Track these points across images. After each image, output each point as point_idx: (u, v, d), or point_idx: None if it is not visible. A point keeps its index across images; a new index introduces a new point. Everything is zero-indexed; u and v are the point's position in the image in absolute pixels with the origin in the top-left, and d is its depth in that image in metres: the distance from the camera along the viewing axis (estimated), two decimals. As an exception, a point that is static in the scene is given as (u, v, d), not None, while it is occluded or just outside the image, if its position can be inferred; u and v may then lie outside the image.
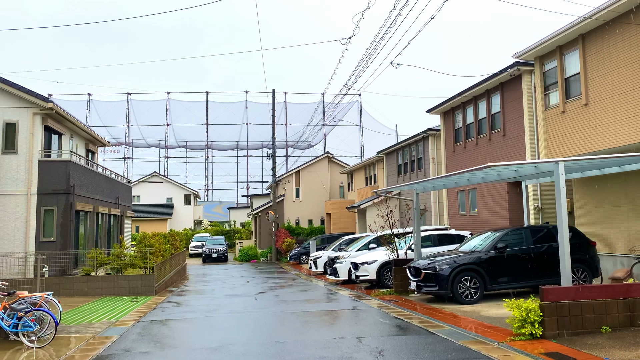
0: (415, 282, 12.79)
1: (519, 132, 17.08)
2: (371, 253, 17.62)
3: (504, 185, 17.88)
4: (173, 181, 53.34)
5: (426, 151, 23.95)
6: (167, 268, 21.29)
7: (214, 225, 52.62)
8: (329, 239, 31.23)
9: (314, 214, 38.52)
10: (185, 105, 69.60)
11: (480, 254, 12.41)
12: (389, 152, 28.43)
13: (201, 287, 19.96)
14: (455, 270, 12.11)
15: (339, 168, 39.21)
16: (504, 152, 17.68)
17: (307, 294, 16.41)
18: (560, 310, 8.02)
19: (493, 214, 18.59)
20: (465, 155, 20.40)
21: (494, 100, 18.58)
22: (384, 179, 29.66)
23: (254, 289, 18.46)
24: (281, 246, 33.98)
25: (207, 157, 68.71)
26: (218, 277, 24.55)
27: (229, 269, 29.96)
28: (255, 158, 70.74)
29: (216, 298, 15.94)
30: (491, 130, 18.75)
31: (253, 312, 12.39)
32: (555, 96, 14.96)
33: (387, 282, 16.51)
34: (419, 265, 12.77)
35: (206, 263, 35.72)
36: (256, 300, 14.93)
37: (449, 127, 21.76)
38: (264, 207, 38.12)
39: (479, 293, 12.12)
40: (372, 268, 16.63)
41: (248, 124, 68.70)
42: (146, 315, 12.45)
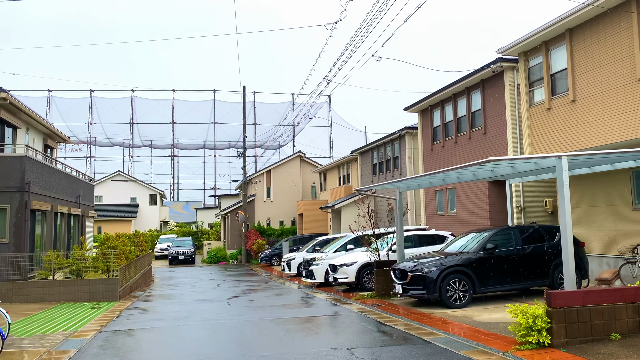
0: (401, 285, 12.05)
1: (501, 130, 16.61)
2: (350, 254, 16.83)
3: (484, 185, 17.39)
4: (138, 180, 51.40)
5: (402, 150, 23.35)
6: (132, 271, 19.98)
7: (181, 226, 50.96)
8: (301, 239, 30.34)
9: (286, 215, 37.55)
10: (150, 103, 67.52)
11: (469, 255, 11.76)
12: (364, 151, 27.76)
13: (169, 291, 18.75)
14: (443, 272, 11.42)
15: (311, 168, 38.37)
16: (485, 150, 17.19)
17: (283, 298, 15.48)
18: (568, 316, 7.37)
19: (472, 214, 18.09)
20: (444, 154, 19.87)
21: (475, 98, 18.09)
22: (358, 179, 28.97)
23: (225, 293, 17.40)
24: (251, 247, 32.88)
25: (174, 156, 66.87)
26: (186, 280, 23.33)
27: (197, 272, 28.70)
28: (223, 158, 69.32)
29: (186, 303, 14.84)
30: (471, 129, 18.26)
31: (228, 319, 11.38)
32: (540, 93, 14.51)
33: (367, 284, 15.76)
34: (405, 268, 12.03)
35: (173, 265, 34.26)
36: (229, 305, 13.90)
37: (427, 125, 21.21)
38: (234, 207, 36.91)
39: (467, 296, 11.47)
40: (351, 270, 15.84)
41: (216, 123, 67.14)
42: (109, 324, 11.28)
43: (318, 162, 39.52)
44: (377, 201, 24.94)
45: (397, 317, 10.76)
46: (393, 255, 14.97)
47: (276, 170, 37.92)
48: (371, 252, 14.61)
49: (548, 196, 16.16)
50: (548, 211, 16.07)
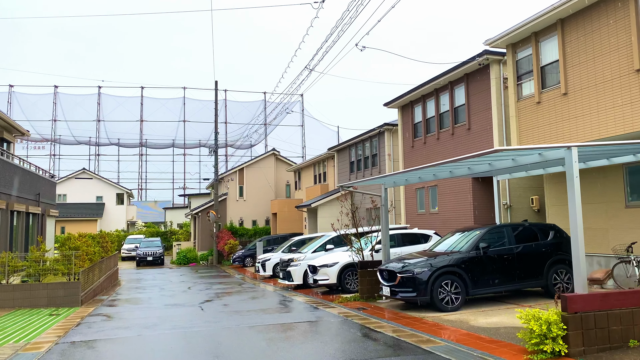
0: (389, 288, 11.21)
1: (487, 126, 16.00)
2: (331, 255, 15.93)
3: (468, 182, 16.76)
4: (104, 178, 49.32)
5: (382, 147, 22.60)
6: (96, 273, 18.61)
7: (149, 226, 49.13)
8: (275, 240, 29.31)
9: (259, 214, 36.41)
10: (118, 100, 65.25)
11: (461, 255, 11.01)
12: (341, 148, 26.92)
13: (136, 295, 17.48)
14: (435, 273, 10.63)
15: (286, 166, 37.33)
16: (469, 146, 16.55)
17: (260, 302, 14.46)
18: (585, 322, 6.64)
19: (455, 213, 17.44)
20: (426, 151, 19.18)
21: (458, 93, 17.45)
22: (334, 177, 28.12)
23: (197, 296, 16.26)
24: (223, 248, 31.65)
25: (142, 155, 64.82)
26: (155, 283, 22.01)
27: (166, 273, 27.33)
28: (192, 157, 67.63)
29: (155, 309, 13.66)
30: (454, 124, 17.61)
31: (202, 327, 10.30)
32: (529, 86, 13.92)
33: (349, 286, 14.89)
34: (393, 269, 11.20)
35: (140, 267, 32.71)
36: (203, 311, 12.80)
37: (408, 121, 20.50)
38: (205, 206, 35.58)
39: (460, 299, 10.71)
40: (332, 271, 14.94)
41: (185, 121, 65.37)
42: (68, 333, 10.06)
43: (292, 161, 38.53)
44: (357, 199, 24.10)
45: (387, 322, 9.90)
46: (377, 256, 14.15)
47: (249, 169, 36.74)
48: (354, 252, 13.74)
49: (534, 194, 15.62)
50: (534, 209, 15.52)
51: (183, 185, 64.78)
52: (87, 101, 64.18)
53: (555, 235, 11.79)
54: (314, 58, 13.32)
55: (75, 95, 64.20)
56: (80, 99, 64.04)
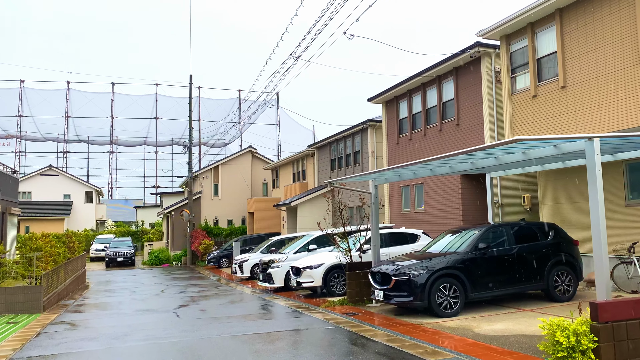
0: (382, 291, 10.35)
1: (477, 121, 15.33)
2: (315, 255, 15.00)
3: (456, 180, 16.08)
4: (71, 176, 47.25)
5: (365, 144, 21.80)
6: (61, 276, 17.27)
7: (119, 225, 47.29)
8: (252, 239, 28.21)
9: (235, 213, 35.21)
10: (87, 96, 63.01)
11: (459, 256, 10.24)
12: (321, 145, 26.02)
13: (105, 299, 16.22)
14: (432, 276, 9.82)
15: (263, 164, 36.22)
16: (458, 142, 15.86)
17: (240, 306, 13.43)
18: (617, 332, 5.90)
19: (443, 211, 16.74)
20: (411, 148, 18.45)
21: (447, 87, 16.75)
22: (314, 175, 27.20)
23: (172, 300, 15.12)
24: (197, 248, 30.38)
25: (112, 152, 62.77)
26: (125, 285, 20.70)
27: (137, 275, 25.96)
28: (165, 155, 65.87)
29: (125, 315, 12.49)
30: (442, 120, 16.91)
31: (179, 337, 9.25)
32: (524, 79, 13.28)
33: (335, 289, 14.00)
34: (387, 271, 10.35)
35: (110, 268, 31.16)
36: (179, 317, 11.71)
37: (392, 117, 19.74)
38: (178, 205, 34.20)
39: (459, 303, 9.93)
40: (317, 273, 14.01)
41: (158, 118, 63.58)
42: (24, 346, 8.88)
43: (270, 159, 37.45)
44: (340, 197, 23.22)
45: (383, 329, 9.04)
46: (365, 257, 13.30)
47: (225, 166, 35.50)
48: (342, 252, 12.84)
49: (526, 192, 15.02)
50: (526, 208, 14.93)
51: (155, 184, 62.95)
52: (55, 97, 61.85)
53: (555, 235, 11.14)
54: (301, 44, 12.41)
55: (42, 90, 61.74)
56: (47, 94, 61.63)
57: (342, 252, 13.01)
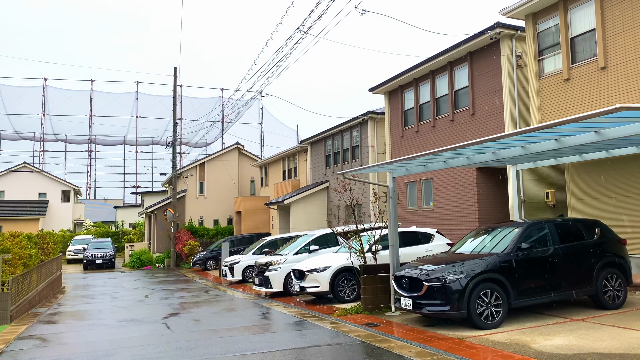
0: (411, 299, 8.79)
1: (496, 109, 13.92)
2: (320, 257, 13.39)
3: (471, 174, 14.66)
4: (48, 174, 44.67)
5: (364, 138, 20.26)
6: (34, 280, 15.36)
7: (98, 226, 44.90)
8: (240, 240, 26.46)
9: (221, 213, 33.35)
10: (65, 93, 60.33)
11: (498, 257, 8.74)
12: (315, 140, 24.40)
13: (82, 307, 14.35)
14: (472, 281, 8.31)
15: (250, 161, 34.43)
16: (473, 132, 14.45)
17: (238, 315, 11.73)
18: None
19: (455, 209, 15.30)
20: (418, 140, 16.98)
21: (459, 74, 15.33)
22: (307, 172, 25.57)
23: (159, 308, 13.34)
24: (182, 250, 28.46)
25: (91, 151, 60.23)
26: (105, 290, 18.79)
27: (118, 278, 23.99)
28: (145, 155, 63.53)
29: (106, 327, 10.69)
30: (454, 110, 15.48)
31: (175, 357, 7.52)
32: (554, 61, 11.90)
33: (343, 294, 12.41)
34: (418, 276, 8.80)
35: (89, 270, 29.04)
36: (170, 330, 9.97)
37: (397, 108, 18.25)
38: (161, 204, 32.21)
39: (501, 312, 8.44)
40: (324, 277, 12.40)
41: (138, 117, 61.21)
42: (-19, 372, 7.09)
43: (258, 156, 35.67)
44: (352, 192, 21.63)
45: (420, 345, 7.49)
46: (382, 259, 11.74)
47: (211, 163, 33.62)
48: (355, 254, 11.24)
49: (549, 186, 13.67)
50: (550, 204, 13.57)
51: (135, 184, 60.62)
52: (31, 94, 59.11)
53: (601, 233, 9.74)
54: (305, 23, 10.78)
55: (17, 87, 58.94)
56: (23, 91, 58.88)
57: (355, 253, 11.42)
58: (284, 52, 14.77)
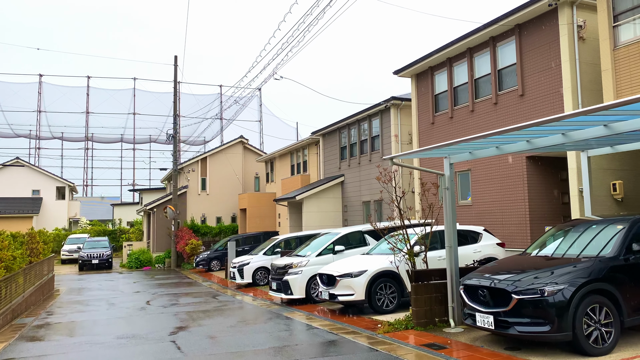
0: (493, 316, 6.76)
1: (552, 88, 11.91)
2: (353, 260, 11.34)
3: (520, 163, 12.67)
4: (41, 169, 42.36)
5: (386, 127, 18.22)
6: (20, 285, 13.26)
7: (95, 224, 42.63)
8: (246, 239, 24.41)
9: (224, 210, 31.24)
10: (61, 90, 58.18)
11: (602, 263, 6.73)
12: (328, 131, 22.33)
13: (75, 316, 12.25)
14: (578, 293, 6.30)
15: (255, 156, 32.33)
16: (523, 116, 12.45)
17: (259, 330, 9.65)
18: None
19: (499, 204, 13.30)
20: (453, 127, 14.97)
21: (505, 51, 13.31)
22: (318, 166, 23.51)
23: (164, 319, 11.26)
24: (184, 249, 26.35)
25: (87, 149, 58.08)
26: (101, 295, 16.68)
27: (116, 280, 21.87)
28: (143, 152, 61.50)
29: (102, 346, 8.61)
30: (498, 91, 13.46)
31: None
32: (633, 28, 9.90)
33: (381, 304, 10.39)
34: (499, 285, 6.76)
35: (84, 271, 26.87)
36: (181, 352, 7.89)
37: (426, 92, 16.22)
38: (161, 201, 30.06)
39: (613, 334, 6.44)
40: (359, 283, 10.35)
41: (135, 114, 59.10)
42: None
43: (263, 151, 33.57)
44: (349, 189, 19.66)
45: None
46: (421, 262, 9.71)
47: (213, 158, 31.49)
48: (403, 256, 9.18)
49: (616, 177, 11.67)
50: (617, 197, 11.59)
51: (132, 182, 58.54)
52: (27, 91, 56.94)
53: None
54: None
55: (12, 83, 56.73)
56: (18, 87, 56.67)
57: (398, 254, 9.39)
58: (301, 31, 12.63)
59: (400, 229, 9.67)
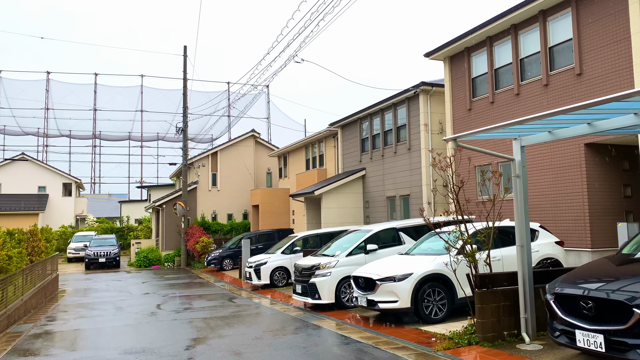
0: (603, 334, 5.21)
1: (618, 65, 10.33)
2: (393, 261, 9.82)
3: (577, 151, 11.10)
4: (48, 166, 41.08)
5: (413, 116, 16.66)
6: (19, 287, 11.88)
7: (102, 221, 41.29)
8: (259, 237, 22.99)
9: (236, 207, 29.78)
10: (69, 87, 57.16)
11: None
12: (348, 123, 20.77)
13: (77, 323, 10.81)
14: None
15: (267, 151, 30.84)
16: (580, 97, 10.85)
17: (290, 344, 8.15)
18: None
19: (551, 197, 11.73)
20: (495, 113, 13.41)
21: (558, 25, 11.73)
22: (336, 160, 21.99)
23: (177, 327, 9.78)
24: (194, 247, 24.93)
25: (95, 146, 56.99)
26: (108, 297, 15.26)
27: (123, 280, 20.47)
28: (150, 150, 60.37)
29: (105, 365, 7.13)
30: (549, 71, 11.88)
31: None
32: None
33: (429, 312, 8.86)
34: (613, 295, 5.21)
35: (91, 270, 25.50)
36: (201, 376, 6.40)
37: (462, 75, 14.67)
38: (170, 197, 28.65)
39: None
40: (403, 288, 8.81)
41: (143, 111, 57.93)
42: None
43: (275, 145, 32.07)
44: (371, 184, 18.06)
45: None
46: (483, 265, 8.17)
47: (224, 153, 30.02)
48: (469, 259, 7.63)
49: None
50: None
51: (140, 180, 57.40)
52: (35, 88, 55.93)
53: None
54: None
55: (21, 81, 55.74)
56: (26, 85, 55.67)
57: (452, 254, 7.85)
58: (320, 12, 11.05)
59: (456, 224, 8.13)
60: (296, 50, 14.50)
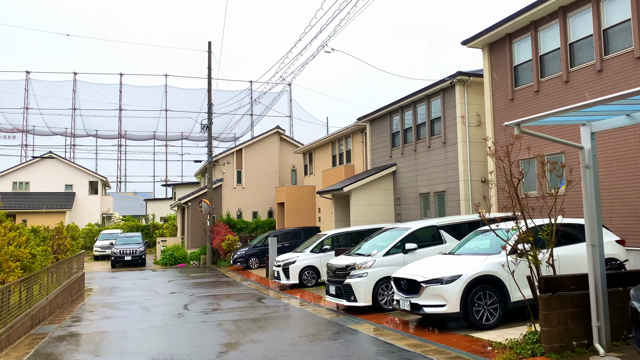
0: None
1: (686, 47, 9.29)
2: (440, 261, 9.03)
3: (635, 141, 10.09)
4: (74, 164, 41.26)
5: (449, 108, 15.76)
6: (44, 286, 11.47)
7: (128, 219, 41.29)
8: (285, 235, 22.40)
9: (261, 204, 29.23)
10: (95, 87, 57.71)
11: None
12: (377, 117, 19.94)
13: (103, 325, 10.31)
14: None
15: (291, 147, 30.21)
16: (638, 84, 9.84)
17: (331, 351, 7.43)
18: None
19: (606, 193, 10.74)
20: (540, 102, 12.44)
21: (613, 5, 10.72)
22: (365, 156, 21.19)
23: (207, 330, 9.17)
24: (220, 245, 24.43)
25: (121, 146, 57.42)
26: (134, 296, 14.82)
27: (149, 279, 20.06)
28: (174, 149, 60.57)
29: (131, 373, 6.54)
30: (603, 55, 10.89)
31: None
32: None
33: (480, 317, 8.04)
34: None
35: (116, 269, 25.25)
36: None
37: (502, 64, 13.73)
38: (196, 195, 28.27)
39: None
40: (451, 291, 8.02)
41: (167, 110, 58.10)
42: None
43: (300, 142, 31.42)
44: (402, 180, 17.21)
45: None
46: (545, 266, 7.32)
47: (249, 150, 29.49)
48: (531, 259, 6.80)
49: None
50: None
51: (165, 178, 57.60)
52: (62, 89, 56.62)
53: None
54: None
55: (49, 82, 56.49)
56: (54, 86, 56.39)
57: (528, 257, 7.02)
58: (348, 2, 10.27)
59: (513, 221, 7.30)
60: (325, 40, 13.77)
